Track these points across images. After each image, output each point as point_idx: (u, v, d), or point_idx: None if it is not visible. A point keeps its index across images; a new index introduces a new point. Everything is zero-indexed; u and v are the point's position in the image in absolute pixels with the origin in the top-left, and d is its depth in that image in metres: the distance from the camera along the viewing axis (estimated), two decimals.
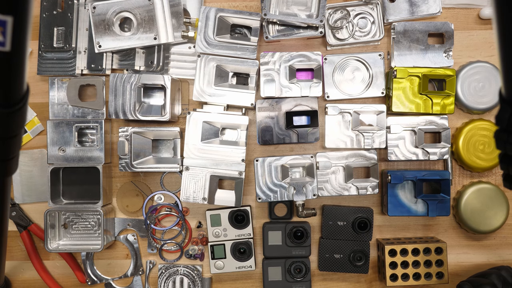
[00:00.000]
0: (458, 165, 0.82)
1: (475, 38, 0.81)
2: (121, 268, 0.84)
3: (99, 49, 0.77)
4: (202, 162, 0.76)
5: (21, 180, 0.83)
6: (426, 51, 0.77)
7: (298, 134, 0.76)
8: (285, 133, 0.77)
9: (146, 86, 0.78)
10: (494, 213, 0.78)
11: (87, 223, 0.81)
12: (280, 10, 0.75)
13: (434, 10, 0.78)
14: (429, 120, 0.77)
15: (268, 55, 0.77)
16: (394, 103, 0.77)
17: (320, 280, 0.83)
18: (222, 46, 0.76)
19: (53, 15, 0.79)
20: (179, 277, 0.82)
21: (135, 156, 0.78)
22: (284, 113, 0.77)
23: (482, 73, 0.78)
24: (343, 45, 0.80)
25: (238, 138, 0.79)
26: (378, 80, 0.78)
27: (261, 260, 0.81)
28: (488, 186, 0.79)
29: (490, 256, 0.82)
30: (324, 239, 0.80)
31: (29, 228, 0.83)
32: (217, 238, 0.80)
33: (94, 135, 0.80)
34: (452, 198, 0.81)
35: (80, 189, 0.81)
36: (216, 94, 0.76)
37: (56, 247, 0.80)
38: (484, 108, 0.78)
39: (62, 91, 0.80)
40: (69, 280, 0.84)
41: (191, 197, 0.76)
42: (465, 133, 0.78)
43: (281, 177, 0.76)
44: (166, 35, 0.77)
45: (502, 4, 0.40)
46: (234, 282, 0.83)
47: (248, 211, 0.80)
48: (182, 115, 0.82)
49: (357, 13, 0.78)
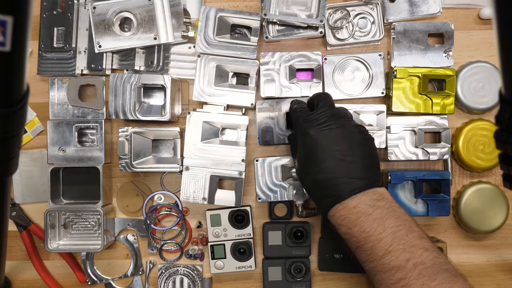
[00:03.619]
0: (458, 165, 0.82)
1: (475, 38, 0.81)
2: (121, 268, 0.84)
3: (99, 49, 0.77)
4: (202, 162, 0.76)
5: (21, 180, 0.83)
6: (426, 51, 0.77)
7: None
8: (286, 133, 0.77)
9: (146, 86, 0.78)
10: (494, 213, 0.78)
11: (87, 223, 0.81)
12: (280, 10, 0.75)
13: (434, 10, 0.78)
14: (429, 120, 0.77)
15: (268, 55, 0.77)
16: (394, 103, 0.77)
17: (320, 280, 0.83)
18: (222, 46, 0.76)
19: (53, 15, 0.79)
20: (179, 277, 0.82)
21: (135, 156, 0.78)
22: (284, 114, 0.77)
23: (482, 73, 0.78)
24: (343, 45, 0.80)
25: (238, 138, 0.79)
26: (378, 80, 0.78)
27: (261, 260, 0.81)
28: (488, 186, 0.79)
29: (490, 256, 0.82)
30: (324, 239, 0.80)
31: (29, 228, 0.83)
32: (217, 238, 0.80)
33: (94, 135, 0.80)
34: (452, 198, 0.81)
35: (80, 189, 0.81)
36: (216, 94, 0.76)
37: (56, 247, 0.80)
38: (484, 108, 0.78)
39: (62, 91, 0.80)
40: (69, 280, 0.84)
41: (191, 197, 0.76)
42: (465, 133, 0.78)
43: (281, 177, 0.76)
44: (166, 35, 0.77)
45: (502, 4, 0.40)
46: (234, 282, 0.83)
47: (248, 211, 0.80)
48: (182, 115, 0.82)
49: (357, 13, 0.78)
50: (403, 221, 0.59)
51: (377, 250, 0.57)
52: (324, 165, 0.61)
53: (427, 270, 0.55)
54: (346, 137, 0.62)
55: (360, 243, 0.59)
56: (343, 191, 0.60)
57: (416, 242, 0.57)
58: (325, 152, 0.61)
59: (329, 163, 0.61)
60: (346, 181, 0.60)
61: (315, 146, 0.62)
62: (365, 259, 0.59)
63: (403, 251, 0.56)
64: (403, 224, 0.58)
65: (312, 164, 0.62)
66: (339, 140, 0.62)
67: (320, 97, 0.67)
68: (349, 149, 0.61)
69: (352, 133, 0.62)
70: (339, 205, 0.60)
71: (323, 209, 0.62)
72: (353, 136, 0.62)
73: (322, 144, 0.61)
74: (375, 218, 0.58)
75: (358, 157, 0.61)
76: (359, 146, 0.62)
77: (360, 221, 0.58)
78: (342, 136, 0.62)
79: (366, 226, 0.58)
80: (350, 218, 0.59)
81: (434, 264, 0.56)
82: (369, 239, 0.58)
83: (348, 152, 0.61)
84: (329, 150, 0.61)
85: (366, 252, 0.59)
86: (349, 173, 0.60)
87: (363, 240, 0.58)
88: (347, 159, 0.61)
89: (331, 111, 0.64)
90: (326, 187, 0.61)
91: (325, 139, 0.62)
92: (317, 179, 0.61)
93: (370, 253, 0.58)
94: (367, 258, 0.59)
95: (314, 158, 0.62)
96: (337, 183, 0.60)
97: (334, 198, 0.60)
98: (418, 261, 0.56)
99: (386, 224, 0.58)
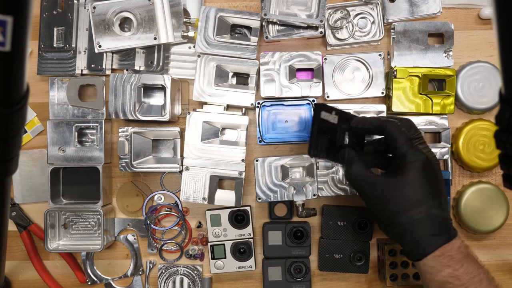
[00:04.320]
0: (458, 165, 0.82)
1: (475, 38, 0.81)
2: (121, 268, 0.84)
3: (99, 49, 0.77)
4: (202, 162, 0.76)
5: (21, 180, 0.83)
6: (426, 51, 0.77)
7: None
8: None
9: (146, 86, 0.78)
10: (494, 213, 0.78)
11: (87, 223, 0.81)
12: (280, 10, 0.75)
13: (434, 10, 0.78)
14: (429, 120, 0.77)
15: (268, 55, 0.77)
16: (394, 103, 0.77)
17: (320, 280, 0.83)
18: (222, 46, 0.76)
19: (53, 15, 0.79)
20: (179, 277, 0.82)
21: (135, 156, 0.78)
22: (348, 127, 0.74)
23: (482, 73, 0.78)
24: (343, 45, 0.80)
25: (238, 138, 0.79)
26: (378, 80, 0.78)
27: (261, 260, 0.81)
28: (488, 186, 0.79)
29: (490, 256, 0.82)
30: (324, 239, 0.80)
31: (29, 228, 0.83)
32: (217, 238, 0.80)
33: (94, 135, 0.80)
34: (452, 198, 0.81)
35: (80, 189, 0.81)
36: (216, 94, 0.76)
37: (56, 247, 0.80)
38: (484, 108, 0.78)
39: (62, 91, 0.80)
40: (69, 280, 0.84)
41: (191, 197, 0.76)
42: (465, 133, 0.78)
43: (281, 177, 0.76)
44: (166, 35, 0.77)
45: (502, 4, 0.40)
46: (234, 282, 0.83)
47: (248, 211, 0.80)
48: (182, 115, 0.82)
49: (357, 13, 0.78)
50: (481, 265, 0.60)
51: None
52: (442, 198, 0.60)
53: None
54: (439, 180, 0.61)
55: (464, 285, 0.57)
56: (453, 230, 0.60)
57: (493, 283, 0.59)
58: (441, 185, 0.61)
59: (444, 198, 0.61)
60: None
61: (436, 176, 0.60)
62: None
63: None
64: (482, 268, 0.60)
65: (433, 193, 0.59)
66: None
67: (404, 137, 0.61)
68: (443, 194, 0.61)
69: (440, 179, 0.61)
70: (448, 244, 0.58)
71: (425, 247, 0.58)
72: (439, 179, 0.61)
73: (439, 177, 0.61)
74: (473, 260, 0.59)
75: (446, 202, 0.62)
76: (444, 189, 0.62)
77: (465, 261, 0.58)
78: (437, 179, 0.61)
79: (470, 267, 0.58)
80: (457, 258, 0.58)
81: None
82: (473, 280, 0.57)
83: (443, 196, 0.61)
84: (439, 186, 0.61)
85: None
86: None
87: (467, 282, 0.57)
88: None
89: (426, 156, 0.60)
90: (443, 223, 0.59)
91: (440, 175, 0.61)
92: (433, 213, 0.58)
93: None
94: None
95: (435, 187, 0.60)
96: (450, 221, 0.60)
97: (448, 236, 0.58)
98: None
99: (478, 265, 0.59)
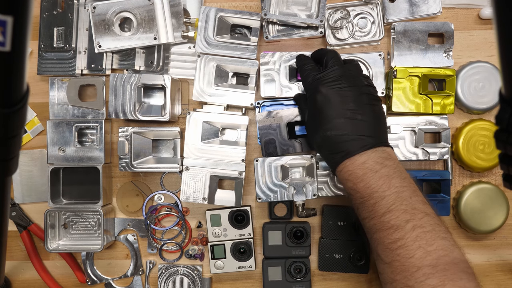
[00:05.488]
0: (458, 165, 0.82)
1: (475, 38, 0.81)
2: (121, 268, 0.84)
3: (99, 49, 0.77)
4: (202, 162, 0.76)
5: (21, 180, 0.83)
6: (426, 51, 0.77)
7: (302, 143, 0.76)
8: (289, 143, 0.76)
9: (146, 86, 0.78)
10: (494, 213, 0.78)
11: (87, 223, 0.81)
12: (280, 10, 0.75)
13: (434, 10, 0.78)
14: (429, 120, 0.77)
15: (268, 55, 0.77)
16: (394, 103, 0.77)
17: (320, 280, 0.83)
18: (222, 46, 0.76)
19: (53, 15, 0.79)
20: (179, 277, 0.82)
21: (135, 156, 0.78)
22: (285, 124, 0.76)
23: (482, 73, 0.78)
24: (343, 45, 0.80)
25: (238, 138, 0.79)
26: (378, 80, 0.78)
27: (261, 260, 0.81)
28: (488, 186, 0.79)
29: (490, 256, 0.82)
30: (324, 239, 0.80)
31: (29, 228, 0.83)
32: (217, 238, 0.80)
33: (94, 135, 0.80)
34: (452, 198, 0.81)
35: (80, 189, 0.81)
36: (216, 94, 0.76)
37: (56, 247, 0.80)
38: (484, 108, 0.78)
39: (62, 91, 0.80)
40: (69, 280, 0.84)
41: (191, 197, 0.76)
42: (465, 133, 0.78)
43: (281, 177, 0.76)
44: (166, 35, 0.77)
45: (502, 4, 0.40)
46: (234, 282, 0.83)
47: (248, 211, 0.80)
48: (182, 115, 0.82)
49: (357, 13, 0.78)
50: (408, 183, 0.60)
51: (379, 207, 0.58)
52: (334, 122, 0.62)
53: (425, 234, 0.56)
54: (356, 96, 0.63)
55: (364, 198, 0.60)
56: (353, 147, 0.61)
57: (418, 205, 0.58)
58: (336, 109, 0.63)
59: (339, 120, 0.62)
60: (356, 138, 0.61)
61: (326, 103, 0.63)
62: (366, 215, 0.60)
63: (404, 212, 0.57)
64: (407, 186, 0.59)
65: (323, 120, 0.63)
66: (349, 98, 0.63)
67: (329, 55, 0.68)
68: (359, 108, 0.63)
69: (362, 93, 0.64)
70: (348, 160, 0.61)
71: (332, 164, 0.64)
72: (363, 96, 0.64)
73: (333, 101, 0.63)
74: (381, 176, 0.59)
75: (368, 116, 0.63)
76: (369, 106, 0.64)
77: (366, 177, 0.60)
78: (353, 95, 0.63)
79: (372, 183, 0.59)
80: (357, 173, 0.60)
81: (433, 230, 0.56)
82: (373, 196, 0.59)
83: (359, 111, 0.63)
84: (339, 107, 0.63)
85: (368, 209, 0.60)
86: (359, 130, 0.62)
87: (367, 196, 0.59)
88: (357, 118, 0.62)
89: (342, 69, 0.65)
90: (336, 143, 0.62)
91: (336, 97, 0.63)
92: (328, 135, 0.63)
93: (372, 210, 0.59)
94: (368, 214, 0.60)
95: (325, 115, 0.63)
96: (347, 139, 0.62)
97: (343, 153, 0.61)
98: (417, 224, 0.56)
99: (391, 183, 0.59)
